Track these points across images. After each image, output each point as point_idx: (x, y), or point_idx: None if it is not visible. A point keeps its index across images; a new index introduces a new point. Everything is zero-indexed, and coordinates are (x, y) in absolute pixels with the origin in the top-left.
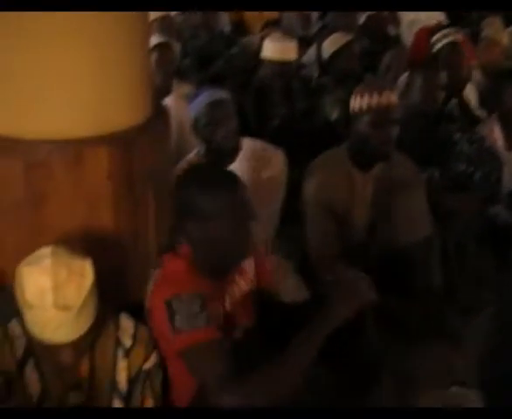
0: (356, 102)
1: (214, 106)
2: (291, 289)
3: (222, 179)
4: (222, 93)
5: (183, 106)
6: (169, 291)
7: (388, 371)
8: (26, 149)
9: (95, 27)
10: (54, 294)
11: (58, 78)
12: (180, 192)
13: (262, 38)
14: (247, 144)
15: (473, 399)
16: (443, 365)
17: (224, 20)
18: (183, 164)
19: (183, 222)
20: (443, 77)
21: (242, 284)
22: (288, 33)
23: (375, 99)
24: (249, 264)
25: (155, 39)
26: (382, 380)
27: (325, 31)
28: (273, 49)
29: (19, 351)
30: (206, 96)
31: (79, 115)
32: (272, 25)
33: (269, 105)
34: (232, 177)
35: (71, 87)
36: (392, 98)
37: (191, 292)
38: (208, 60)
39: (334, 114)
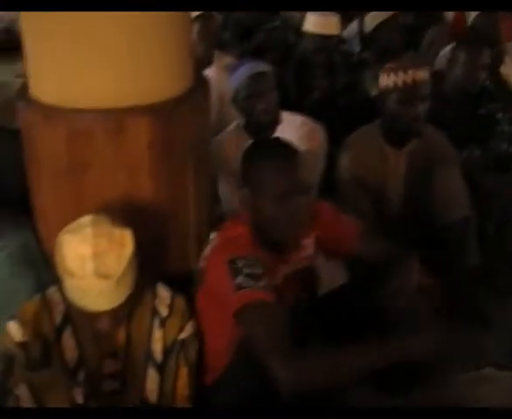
0: (384, 80)
1: (255, 78)
2: (329, 269)
3: (280, 160)
4: (263, 66)
5: (223, 77)
6: (233, 251)
7: None
8: (69, 118)
9: None
10: (94, 263)
11: (102, 48)
12: (244, 160)
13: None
14: (287, 117)
15: (506, 381)
16: (476, 346)
17: None
18: (222, 135)
19: (244, 190)
20: (486, 54)
21: (297, 260)
22: None
23: (400, 78)
24: (308, 241)
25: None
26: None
27: None
28: (316, 23)
29: (58, 317)
30: (247, 68)
31: (121, 85)
32: None
33: (310, 79)
34: (290, 150)
35: (113, 57)
36: (419, 75)
37: (256, 257)
38: (249, 32)
39: (374, 90)
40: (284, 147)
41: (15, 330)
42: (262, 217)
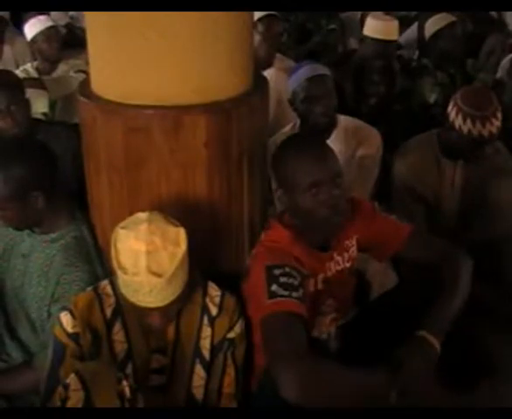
0: (458, 120)
1: (314, 81)
2: (379, 271)
3: (312, 150)
4: (323, 69)
5: (282, 79)
6: (273, 258)
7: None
8: (127, 114)
9: None
10: (148, 260)
11: (162, 46)
12: (276, 160)
13: (363, 16)
14: (343, 121)
15: None
16: None
17: None
18: (278, 136)
19: (279, 191)
20: None
21: (340, 260)
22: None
23: (477, 128)
24: (351, 242)
25: (261, 11)
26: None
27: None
28: (375, 28)
29: (109, 311)
30: (306, 70)
31: (180, 83)
32: None
33: (367, 83)
34: (324, 149)
35: (174, 55)
36: (495, 129)
37: (294, 265)
38: (307, 35)
39: (432, 97)
40: (311, 138)
41: (67, 321)
42: (301, 212)
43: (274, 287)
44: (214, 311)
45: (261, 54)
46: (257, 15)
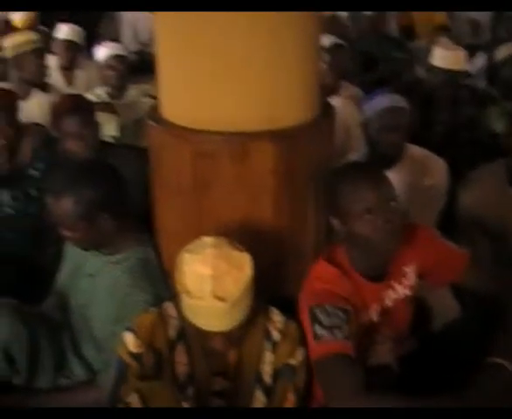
0: None
1: (391, 111)
2: (443, 302)
3: (365, 176)
4: (401, 101)
5: (349, 107)
6: (315, 297)
7: None
8: (195, 139)
9: (270, 22)
10: (213, 284)
11: (231, 72)
12: (329, 189)
13: (430, 45)
14: (410, 150)
15: None
16: None
17: (393, 23)
18: (344, 163)
19: (333, 219)
20: None
21: (397, 288)
22: (457, 40)
23: None
24: (410, 269)
25: (327, 40)
26: None
27: (496, 41)
28: (443, 57)
29: (172, 332)
30: (385, 100)
31: (248, 109)
32: (440, 31)
33: (434, 112)
34: (376, 173)
35: (243, 81)
36: None
37: (337, 304)
38: (374, 63)
39: (499, 126)
40: (364, 165)
41: (130, 340)
42: (356, 239)
43: (318, 329)
44: (276, 336)
45: (328, 82)
46: (324, 43)
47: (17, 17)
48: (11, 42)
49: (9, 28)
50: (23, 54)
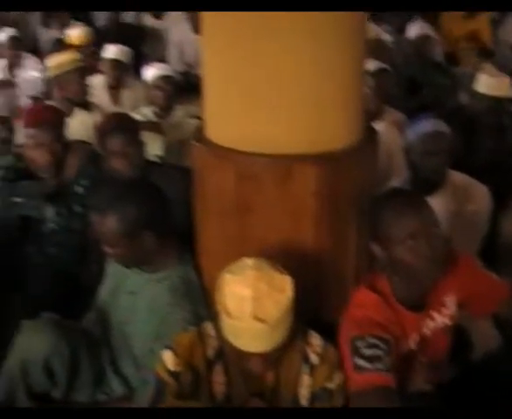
0: None
1: (434, 137)
2: (483, 331)
3: (408, 202)
4: (443, 126)
5: (392, 132)
6: (357, 327)
7: None
8: (239, 160)
9: (316, 46)
10: (253, 305)
11: (276, 95)
12: (371, 214)
13: (474, 71)
14: (452, 176)
15: None
16: None
17: (437, 49)
18: (386, 189)
19: (374, 245)
20: None
21: (437, 317)
22: (502, 66)
23: None
24: (450, 299)
25: (372, 64)
26: None
27: None
28: (488, 84)
29: (210, 352)
30: (427, 125)
31: (293, 133)
32: (484, 57)
33: (477, 139)
34: (419, 200)
35: (289, 104)
36: None
37: (378, 335)
38: (418, 88)
39: None
40: (407, 191)
41: (169, 359)
42: (397, 266)
43: (359, 360)
44: (315, 360)
45: (371, 107)
46: (368, 68)
47: (73, 35)
48: (54, 61)
49: (61, 46)
50: (65, 73)
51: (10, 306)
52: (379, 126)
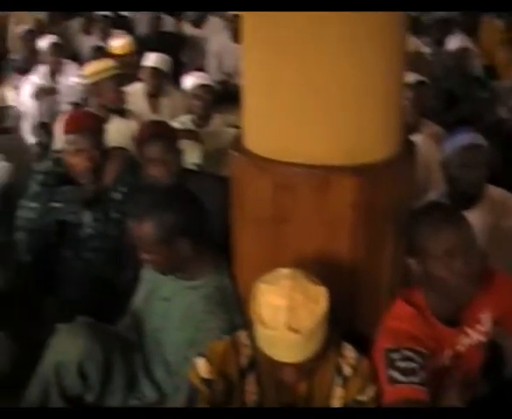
0: None
1: (471, 150)
2: None
3: (446, 217)
4: (481, 140)
5: (430, 145)
6: (392, 340)
7: None
8: (277, 170)
9: (356, 57)
10: (287, 316)
11: (315, 105)
12: (409, 228)
13: None
14: (490, 191)
15: None
16: None
17: (476, 62)
18: (423, 203)
19: (410, 259)
20: None
21: (471, 334)
22: None
23: None
24: (485, 316)
25: (411, 77)
26: None
27: None
28: None
29: (244, 361)
30: (465, 138)
31: (331, 143)
32: None
33: None
34: (457, 216)
35: (327, 115)
36: None
37: (414, 348)
38: (456, 102)
39: None
40: (446, 206)
41: (202, 366)
42: (433, 281)
43: (393, 373)
44: (348, 372)
45: (409, 119)
46: (407, 80)
47: (115, 43)
48: (91, 69)
49: (102, 54)
50: (102, 81)
51: (46, 309)
52: (417, 138)
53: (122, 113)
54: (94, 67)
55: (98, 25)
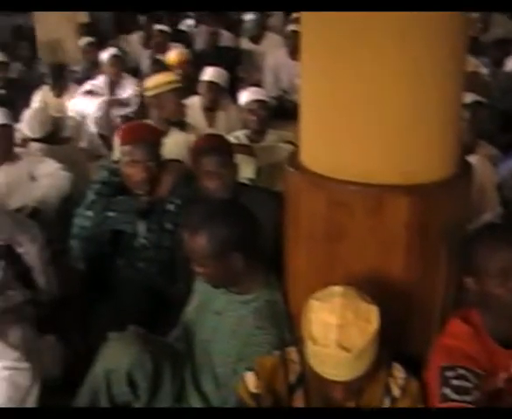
0: None
1: None
2: None
3: (505, 236)
4: None
5: (486, 166)
6: (448, 358)
7: None
8: (331, 187)
9: (413, 77)
10: (338, 333)
11: (372, 125)
12: (466, 248)
13: None
14: None
15: None
16: None
17: None
18: (478, 223)
19: (468, 278)
20: None
21: None
22: None
23: None
24: None
25: (468, 97)
26: None
27: None
28: None
29: (292, 377)
30: None
31: (386, 162)
32: None
33: None
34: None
35: (383, 134)
36: None
37: (469, 367)
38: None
39: None
40: (504, 226)
41: (251, 381)
42: (489, 300)
43: (447, 390)
44: (397, 392)
45: (466, 140)
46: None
47: (172, 56)
48: (153, 82)
49: (160, 67)
50: (162, 94)
51: (98, 317)
52: (472, 159)
53: (182, 126)
54: (156, 80)
55: (156, 39)
